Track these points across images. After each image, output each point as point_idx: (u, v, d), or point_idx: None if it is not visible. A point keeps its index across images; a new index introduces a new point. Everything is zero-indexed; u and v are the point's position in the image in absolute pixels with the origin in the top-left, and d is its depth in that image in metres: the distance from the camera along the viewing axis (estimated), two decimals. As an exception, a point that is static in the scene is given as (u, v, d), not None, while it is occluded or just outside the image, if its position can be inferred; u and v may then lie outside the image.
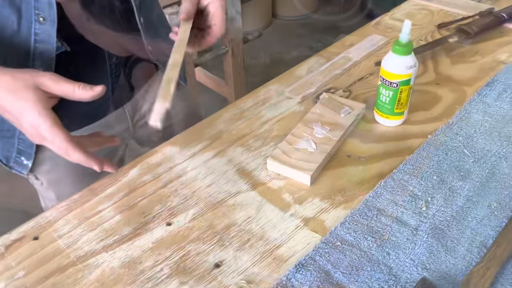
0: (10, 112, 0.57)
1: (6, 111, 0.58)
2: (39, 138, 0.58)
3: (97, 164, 0.63)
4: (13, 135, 0.77)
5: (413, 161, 0.70)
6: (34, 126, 0.57)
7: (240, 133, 0.80)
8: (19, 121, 0.58)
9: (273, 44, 3.03)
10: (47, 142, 0.59)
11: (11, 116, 0.58)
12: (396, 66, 0.72)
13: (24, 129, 0.59)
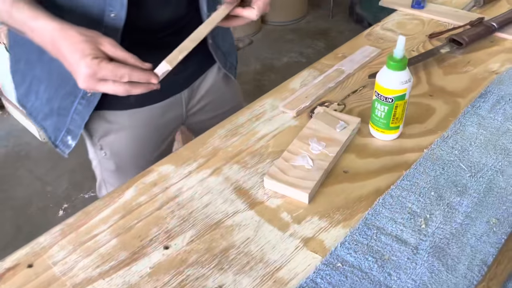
0: (70, 62, 0.63)
1: (66, 60, 0.64)
2: (94, 81, 0.62)
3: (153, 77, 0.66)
4: (68, 114, 0.83)
5: (410, 177, 0.70)
6: (88, 73, 0.61)
7: (236, 150, 0.79)
8: (75, 72, 0.63)
9: (264, 50, 3.03)
10: (101, 82, 0.63)
11: (70, 66, 0.64)
12: (391, 81, 0.72)
13: (80, 77, 0.63)
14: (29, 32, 0.66)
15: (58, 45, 0.63)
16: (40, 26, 0.64)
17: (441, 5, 1.21)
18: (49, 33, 0.64)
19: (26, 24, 0.65)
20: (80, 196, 1.97)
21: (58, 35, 0.63)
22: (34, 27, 0.65)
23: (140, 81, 0.65)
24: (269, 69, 2.84)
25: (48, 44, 0.65)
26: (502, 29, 1.06)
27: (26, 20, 0.65)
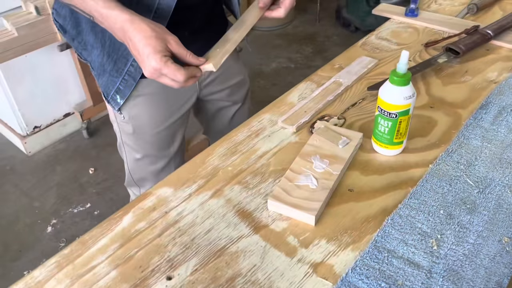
0: (140, 53, 0.70)
1: (136, 49, 0.70)
2: (157, 74, 0.70)
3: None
4: (119, 75, 0.92)
5: (417, 195, 0.68)
6: (156, 68, 0.69)
7: (236, 169, 0.77)
8: (144, 62, 0.70)
9: (251, 56, 3.01)
10: (162, 76, 0.71)
11: (138, 55, 0.70)
12: (395, 96, 0.71)
13: (147, 68, 0.70)
14: (99, 18, 0.72)
15: (130, 35, 0.70)
16: (113, 15, 0.71)
17: (434, 13, 1.20)
18: (121, 23, 0.70)
19: (99, 11, 0.72)
20: (69, 211, 1.92)
21: (130, 27, 0.70)
22: (107, 15, 0.71)
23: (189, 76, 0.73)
24: (258, 75, 2.82)
25: (118, 31, 0.72)
26: (498, 36, 1.06)
27: (99, 7, 0.71)
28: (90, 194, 2.00)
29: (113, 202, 1.95)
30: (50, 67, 2.10)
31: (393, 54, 1.05)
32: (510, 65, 0.98)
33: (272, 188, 0.72)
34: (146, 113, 0.99)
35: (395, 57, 1.04)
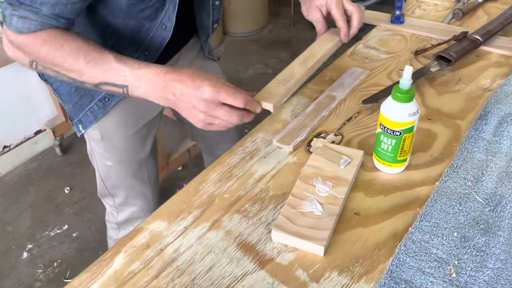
0: (187, 94, 0.68)
1: (182, 95, 0.68)
2: (212, 107, 0.68)
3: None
4: (82, 110, 0.93)
5: (428, 216, 0.65)
6: (210, 96, 0.67)
7: (234, 196, 0.72)
8: (194, 102, 0.68)
9: (228, 62, 2.96)
10: (218, 108, 0.68)
11: (185, 101, 0.69)
12: (398, 113, 0.67)
13: (198, 107, 0.68)
14: (135, 83, 0.70)
15: (174, 79, 0.68)
16: (151, 72, 0.70)
17: (420, 19, 1.18)
18: (162, 75, 0.69)
19: (135, 74, 0.70)
20: (45, 234, 1.82)
21: (173, 72, 0.69)
22: (144, 75, 0.70)
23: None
24: (236, 82, 2.77)
25: (159, 86, 0.69)
26: (486, 42, 1.05)
27: (135, 70, 0.70)
28: (67, 215, 1.91)
29: (92, 222, 1.86)
30: (18, 84, 2.00)
31: (383, 64, 1.02)
32: (502, 72, 0.97)
33: (274, 216, 0.68)
34: (114, 118, 0.97)
35: (386, 67, 1.01)
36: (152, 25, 0.85)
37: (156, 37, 0.86)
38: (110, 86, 0.71)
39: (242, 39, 3.24)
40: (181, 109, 0.70)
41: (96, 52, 0.71)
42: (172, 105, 0.71)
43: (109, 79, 0.71)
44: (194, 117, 0.70)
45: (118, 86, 0.71)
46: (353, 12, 0.91)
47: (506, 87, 0.90)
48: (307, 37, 3.20)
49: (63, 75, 0.72)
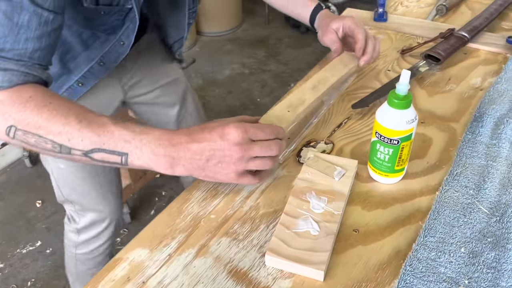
0: (206, 148, 0.61)
1: (200, 153, 0.61)
2: (244, 149, 0.61)
3: None
4: None
5: (432, 231, 0.60)
6: (239, 138, 0.60)
7: (221, 217, 0.66)
8: (230, 159, 0.61)
9: (203, 63, 2.89)
10: (252, 147, 0.62)
11: (204, 158, 0.61)
12: (396, 121, 0.63)
13: (233, 169, 0.62)
14: (137, 151, 0.60)
15: (186, 138, 0.61)
16: (156, 136, 0.61)
17: (403, 16, 1.15)
18: (169, 141, 0.61)
19: (134, 137, 0.60)
20: (17, 252, 1.72)
21: (183, 132, 0.62)
22: (144, 140, 0.60)
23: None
24: (212, 84, 2.70)
25: (168, 151, 0.60)
26: (473, 38, 1.01)
27: (129, 134, 0.60)
28: (40, 231, 1.80)
29: (67, 237, 1.77)
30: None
31: (370, 65, 0.98)
32: (492, 69, 0.94)
33: (267, 238, 0.62)
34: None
35: (373, 68, 0.97)
36: (109, 38, 0.80)
37: (113, 51, 0.82)
38: (106, 153, 0.60)
39: (217, 39, 3.17)
40: (213, 172, 0.62)
41: (89, 112, 0.62)
42: (195, 172, 0.62)
43: (105, 144, 0.59)
44: (231, 171, 0.62)
45: (115, 153, 0.60)
46: (369, 37, 0.88)
47: (498, 85, 0.86)
48: (283, 35, 3.16)
49: (47, 141, 0.60)
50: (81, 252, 1.15)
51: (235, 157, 0.60)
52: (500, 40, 1.01)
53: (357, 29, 0.87)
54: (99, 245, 1.14)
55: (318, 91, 0.79)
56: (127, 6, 0.77)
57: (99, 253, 1.16)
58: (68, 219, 1.12)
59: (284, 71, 2.74)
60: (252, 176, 0.65)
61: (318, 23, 0.94)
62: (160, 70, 1.06)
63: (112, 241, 1.17)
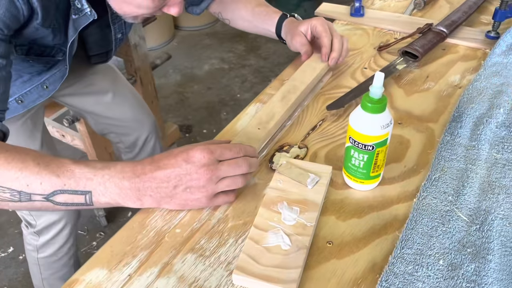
0: (171, 174, 0.58)
1: (166, 178, 0.58)
2: (212, 169, 0.59)
3: None
4: None
5: (410, 242, 0.57)
6: (205, 159, 0.58)
7: (186, 231, 0.61)
8: (198, 182, 0.59)
9: (181, 59, 2.82)
10: (222, 181, 0.60)
11: (170, 185, 0.59)
12: (370, 126, 0.59)
13: (202, 193, 0.60)
14: (101, 188, 0.58)
15: (151, 166, 0.59)
16: (117, 170, 0.59)
17: (380, 11, 1.11)
18: (132, 173, 0.58)
19: (95, 173, 0.58)
20: (-13, 260, 1.65)
21: (147, 161, 0.60)
22: (107, 175, 0.58)
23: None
24: (191, 80, 2.64)
25: (132, 183, 0.58)
26: (452, 33, 0.98)
27: (91, 171, 0.58)
28: (12, 236, 1.74)
29: (41, 242, 1.71)
30: None
31: (346, 62, 0.94)
32: (471, 66, 0.91)
33: (235, 253, 0.58)
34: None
35: (349, 66, 0.93)
36: (32, 80, 0.78)
37: (34, 93, 0.80)
38: (68, 194, 0.58)
39: (195, 33, 3.10)
40: (182, 200, 0.60)
41: (47, 155, 0.59)
42: (164, 202, 0.60)
43: (66, 185, 0.57)
44: (201, 195, 0.60)
45: (78, 193, 0.58)
46: (334, 36, 0.86)
47: (477, 83, 0.83)
48: (263, 29, 3.10)
49: (4, 189, 0.57)
50: (43, 255, 1.12)
51: (203, 180, 0.58)
52: (479, 35, 0.99)
53: (323, 32, 0.84)
54: (60, 247, 1.11)
55: (288, 101, 0.77)
56: (58, 58, 0.76)
57: (62, 255, 1.13)
58: (25, 224, 1.09)
59: (264, 65, 2.70)
60: (225, 195, 0.62)
61: (285, 31, 0.91)
62: (81, 66, 1.07)
63: (73, 242, 1.15)
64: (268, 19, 0.94)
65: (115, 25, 0.92)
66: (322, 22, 0.85)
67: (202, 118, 2.33)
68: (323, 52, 0.85)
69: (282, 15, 0.93)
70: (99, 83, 1.10)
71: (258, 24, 0.96)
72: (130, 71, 1.74)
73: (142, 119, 1.20)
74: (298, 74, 0.84)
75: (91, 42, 0.96)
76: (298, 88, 0.80)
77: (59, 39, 0.75)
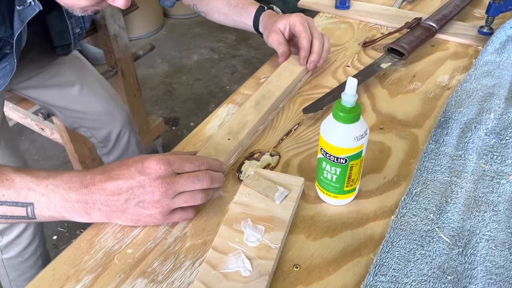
0: (137, 195, 0.53)
1: (118, 191, 0.53)
2: (168, 182, 0.53)
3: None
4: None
5: (384, 268, 0.51)
6: (161, 169, 0.53)
7: (139, 251, 0.55)
8: (152, 197, 0.53)
9: (170, 48, 2.74)
10: (180, 196, 0.55)
11: (139, 201, 0.53)
12: (342, 137, 0.53)
13: (157, 208, 0.54)
14: (45, 200, 0.53)
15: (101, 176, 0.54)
16: (64, 179, 0.54)
17: (368, 4, 1.04)
18: (80, 183, 0.54)
19: (38, 183, 0.53)
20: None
21: (99, 170, 0.55)
22: (51, 185, 0.53)
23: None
24: (179, 70, 2.56)
25: (80, 195, 0.53)
26: (442, 29, 0.92)
27: (33, 180, 0.53)
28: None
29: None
30: None
31: (328, 59, 0.87)
32: (461, 64, 0.85)
33: (191, 278, 0.52)
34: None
35: (331, 63, 0.87)
36: None
37: None
38: (7, 206, 0.53)
39: (185, 21, 3.02)
40: (134, 215, 0.54)
41: None
42: (114, 216, 0.55)
43: (5, 195, 0.53)
44: (156, 211, 0.54)
45: (18, 204, 0.53)
46: (314, 36, 0.79)
47: (467, 84, 0.77)
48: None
49: None
50: (7, 256, 1.07)
51: (157, 194, 0.53)
52: (472, 31, 0.92)
53: (302, 33, 0.77)
54: (24, 247, 1.05)
55: (262, 108, 0.71)
56: (5, 51, 0.71)
57: (28, 256, 1.08)
58: None
59: (255, 56, 2.62)
60: (183, 211, 0.56)
61: (262, 25, 0.85)
62: (44, 57, 1.01)
63: (39, 242, 1.10)
64: (245, 12, 0.87)
65: (71, 20, 0.85)
66: (301, 19, 0.79)
67: (190, 110, 2.26)
68: (301, 56, 0.78)
69: (259, 8, 0.86)
70: (64, 74, 1.04)
71: (235, 18, 0.90)
72: (110, 63, 1.67)
73: (114, 112, 1.14)
74: (274, 78, 0.77)
75: (53, 33, 0.91)
76: (273, 93, 0.74)
77: (5, 31, 0.69)
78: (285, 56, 0.80)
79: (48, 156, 2.01)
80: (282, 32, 0.81)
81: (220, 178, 0.58)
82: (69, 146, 1.59)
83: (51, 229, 1.69)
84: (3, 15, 0.66)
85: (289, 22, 0.79)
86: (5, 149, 0.95)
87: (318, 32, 0.79)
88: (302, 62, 0.78)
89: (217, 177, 0.57)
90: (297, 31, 0.78)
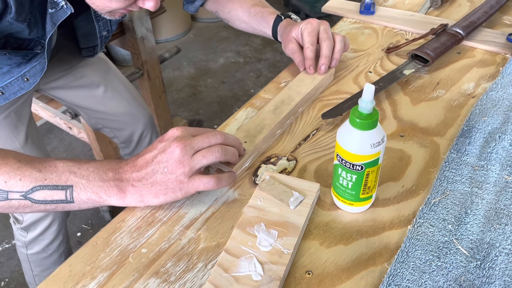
0: (147, 163, 0.57)
1: (144, 170, 0.57)
2: (188, 153, 0.57)
3: None
4: None
5: (398, 278, 0.50)
6: (180, 138, 0.57)
7: (153, 251, 0.56)
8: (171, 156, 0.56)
9: (196, 51, 2.77)
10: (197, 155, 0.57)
11: (146, 171, 0.57)
12: (359, 144, 0.52)
13: (179, 169, 0.56)
14: (84, 181, 0.57)
15: (126, 167, 0.58)
16: (103, 163, 0.59)
17: (393, 9, 1.03)
18: (116, 164, 0.59)
19: (79, 167, 0.57)
20: (-10, 252, 1.65)
21: (121, 162, 0.59)
22: (90, 168, 0.58)
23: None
24: (205, 73, 2.59)
25: (109, 180, 0.57)
26: (469, 35, 0.90)
27: (78, 165, 0.58)
28: None
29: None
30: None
31: (350, 65, 0.87)
32: (488, 72, 0.82)
33: (203, 280, 0.53)
34: None
35: (353, 69, 0.86)
36: (12, 71, 0.76)
37: (15, 85, 0.78)
38: (48, 190, 0.56)
39: (212, 25, 3.04)
40: (163, 183, 0.57)
41: (28, 155, 0.59)
42: (146, 191, 0.57)
43: (47, 179, 0.56)
44: (180, 172, 0.56)
45: (59, 188, 0.56)
46: (322, 39, 0.78)
47: (493, 93, 0.75)
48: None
49: None
50: (32, 252, 1.10)
51: (177, 152, 0.56)
52: (500, 38, 0.89)
53: (306, 43, 0.78)
54: (48, 243, 1.09)
55: (280, 113, 0.71)
56: (36, 51, 0.74)
57: (52, 252, 1.11)
58: (13, 220, 1.07)
59: (280, 60, 2.62)
60: (205, 177, 0.57)
61: (280, 35, 0.86)
62: (71, 58, 1.04)
63: (63, 239, 1.12)
64: (264, 21, 0.88)
65: (99, 22, 0.88)
66: (309, 26, 0.78)
67: (214, 113, 2.28)
68: (306, 65, 0.78)
69: (277, 17, 0.87)
70: (89, 75, 1.07)
71: (255, 26, 0.90)
72: (137, 64, 1.70)
73: (137, 114, 1.16)
74: (295, 83, 0.77)
75: (80, 35, 0.94)
76: (293, 99, 0.74)
77: (37, 32, 0.71)
78: (302, 64, 0.79)
79: (75, 155, 2.06)
80: (296, 40, 0.81)
81: (233, 151, 0.60)
82: (95, 145, 1.63)
83: (76, 225, 1.73)
84: (36, 17, 0.69)
85: (300, 29, 0.79)
86: (32, 146, 0.98)
87: (329, 34, 0.79)
88: (310, 71, 0.78)
89: (230, 149, 0.60)
90: (303, 42, 0.79)
